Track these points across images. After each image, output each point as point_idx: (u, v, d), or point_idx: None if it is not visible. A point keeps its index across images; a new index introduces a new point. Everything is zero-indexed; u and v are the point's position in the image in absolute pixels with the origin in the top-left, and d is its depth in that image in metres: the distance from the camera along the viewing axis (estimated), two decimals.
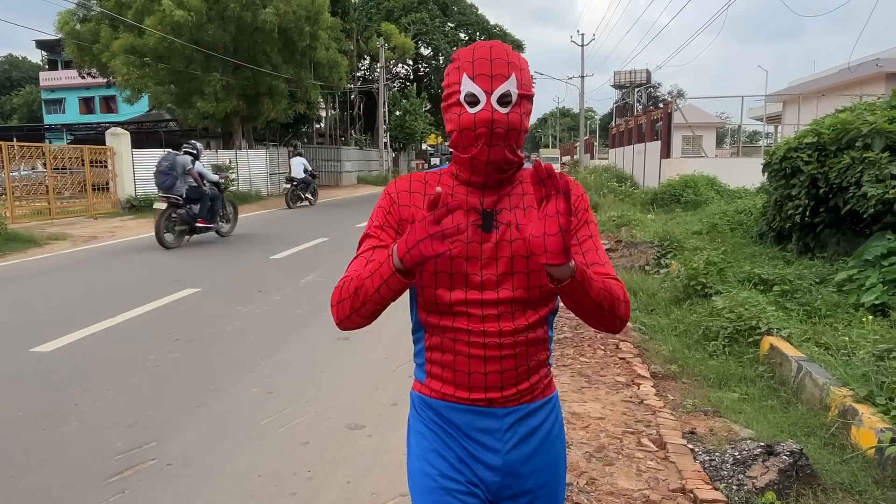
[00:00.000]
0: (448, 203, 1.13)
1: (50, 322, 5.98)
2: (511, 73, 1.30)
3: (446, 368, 1.38)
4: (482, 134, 1.29)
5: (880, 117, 6.69)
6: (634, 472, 3.07)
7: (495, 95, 1.29)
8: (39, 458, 3.29)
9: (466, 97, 1.30)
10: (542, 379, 1.43)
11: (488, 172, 1.33)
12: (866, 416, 3.19)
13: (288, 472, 3.15)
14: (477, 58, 1.30)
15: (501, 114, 1.29)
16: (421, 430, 1.44)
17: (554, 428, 1.46)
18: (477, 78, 1.29)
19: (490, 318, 1.33)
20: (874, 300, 5.18)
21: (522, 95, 1.32)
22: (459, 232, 1.14)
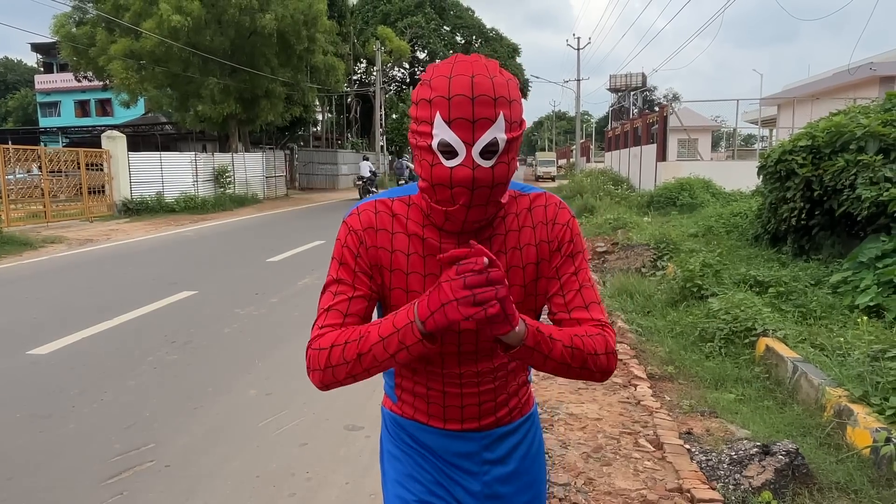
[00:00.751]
0: (488, 273, 0.97)
1: (46, 324, 5.97)
2: (498, 113, 1.05)
3: (419, 399, 1.28)
4: (460, 193, 1.07)
5: (874, 120, 6.74)
6: (632, 472, 3.09)
7: (478, 146, 1.05)
8: (37, 460, 3.28)
9: (440, 146, 1.06)
10: (521, 399, 1.34)
11: (465, 227, 1.14)
12: (861, 416, 3.22)
13: (286, 474, 3.15)
14: (455, 93, 1.03)
15: (485, 169, 1.06)
16: (395, 452, 1.36)
17: (533, 445, 1.38)
18: (454, 123, 1.04)
19: (467, 359, 1.22)
20: (869, 301, 5.21)
21: (511, 139, 1.08)
22: (498, 296, 0.97)
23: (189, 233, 14.07)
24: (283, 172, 28.17)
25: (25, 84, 58.45)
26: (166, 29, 19.30)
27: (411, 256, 1.18)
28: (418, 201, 1.19)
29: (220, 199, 20.63)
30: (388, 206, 1.21)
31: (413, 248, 1.18)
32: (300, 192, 31.54)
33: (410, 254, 1.18)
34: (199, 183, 20.53)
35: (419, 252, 1.18)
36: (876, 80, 17.68)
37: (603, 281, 7.84)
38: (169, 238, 13.15)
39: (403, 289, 1.18)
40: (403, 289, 1.18)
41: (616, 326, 5.67)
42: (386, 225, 1.19)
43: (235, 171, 22.47)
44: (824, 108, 13.15)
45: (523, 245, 1.20)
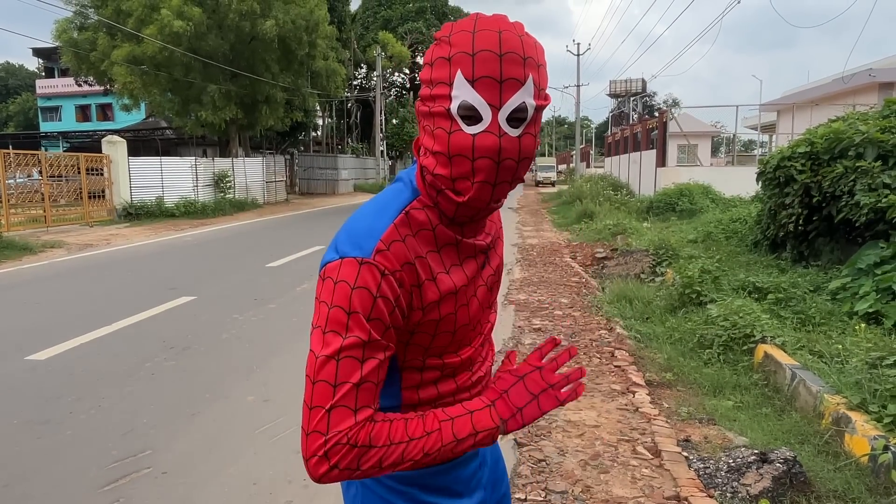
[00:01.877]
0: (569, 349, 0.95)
1: (45, 330, 5.97)
2: (528, 75, 0.90)
3: None
4: (483, 167, 0.91)
5: (872, 127, 6.75)
6: (629, 479, 3.08)
7: (505, 111, 0.90)
8: (34, 466, 3.28)
9: (461, 109, 0.90)
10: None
11: (482, 213, 1.01)
12: (859, 423, 3.21)
13: (283, 481, 3.14)
14: (479, 49, 0.88)
15: (512, 138, 0.91)
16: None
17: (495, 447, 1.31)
18: (479, 82, 0.89)
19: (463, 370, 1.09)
20: (868, 308, 5.21)
21: (539, 108, 0.94)
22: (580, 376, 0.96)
23: (189, 238, 14.07)
24: (283, 177, 28.21)
25: (26, 88, 58.62)
26: (168, 34, 19.36)
27: (452, 268, 1.02)
28: (421, 203, 1.01)
29: (220, 203, 20.66)
30: (413, 229, 0.98)
31: (447, 258, 1.02)
32: (300, 196, 31.56)
33: (451, 266, 1.02)
34: (200, 188, 20.56)
35: (456, 261, 1.03)
36: (875, 87, 17.74)
37: (602, 287, 7.84)
38: (169, 243, 13.16)
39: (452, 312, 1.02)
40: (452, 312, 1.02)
41: (615, 332, 5.67)
42: (418, 250, 0.98)
43: (235, 176, 22.51)
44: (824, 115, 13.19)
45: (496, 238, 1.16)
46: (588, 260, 9.95)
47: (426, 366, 1.04)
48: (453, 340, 1.04)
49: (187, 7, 19.62)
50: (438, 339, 1.02)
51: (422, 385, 1.05)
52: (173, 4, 19.40)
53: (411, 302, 0.97)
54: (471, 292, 1.05)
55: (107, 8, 20.57)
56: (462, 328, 1.04)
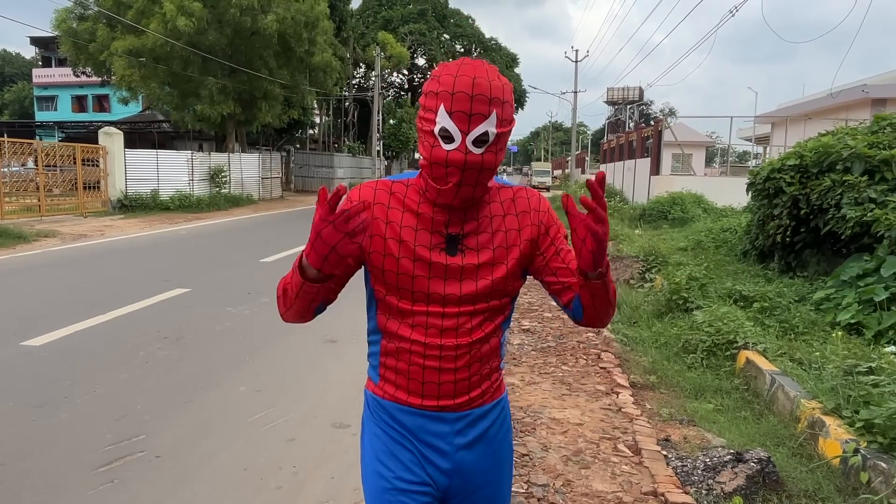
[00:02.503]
0: (351, 208, 1.19)
1: (40, 317, 6.02)
2: (492, 112, 1.27)
3: (400, 375, 1.41)
4: (452, 173, 1.28)
5: (860, 142, 6.90)
6: (609, 475, 3.18)
7: (471, 136, 1.26)
8: (30, 447, 3.35)
9: (441, 132, 1.27)
10: (493, 384, 1.47)
11: (455, 204, 1.33)
12: (833, 427, 3.33)
13: (273, 467, 3.23)
14: (457, 90, 1.25)
15: (475, 155, 1.27)
16: (375, 431, 1.47)
17: (501, 430, 1.50)
18: (454, 115, 1.26)
19: (448, 332, 1.36)
20: (850, 319, 5.34)
21: (500, 133, 1.30)
22: (363, 229, 1.19)
23: (183, 231, 14.11)
24: (278, 174, 28.25)
25: (23, 77, 58.34)
26: (171, 29, 19.38)
27: (404, 228, 1.36)
28: (416, 183, 1.39)
29: (215, 198, 20.68)
30: (387, 186, 1.40)
31: (406, 222, 1.36)
32: (295, 194, 31.60)
33: (403, 226, 1.36)
34: (195, 182, 20.58)
35: (412, 225, 1.36)
36: (868, 102, 17.96)
37: None
38: (163, 235, 13.20)
39: (395, 255, 1.35)
40: (395, 255, 1.35)
41: (602, 335, 5.78)
42: (383, 200, 1.38)
43: (231, 172, 22.53)
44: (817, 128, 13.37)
45: (508, 229, 1.40)
46: None
47: (392, 305, 1.38)
48: (411, 289, 1.35)
49: (188, 2, 19.65)
50: (389, 276, 1.35)
51: (390, 317, 1.39)
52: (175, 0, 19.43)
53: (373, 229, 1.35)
54: (425, 256, 1.34)
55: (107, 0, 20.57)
56: (415, 280, 1.34)
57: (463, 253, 1.36)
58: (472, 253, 1.36)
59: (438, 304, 1.35)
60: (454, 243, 1.36)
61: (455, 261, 1.35)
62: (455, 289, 1.35)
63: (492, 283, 1.37)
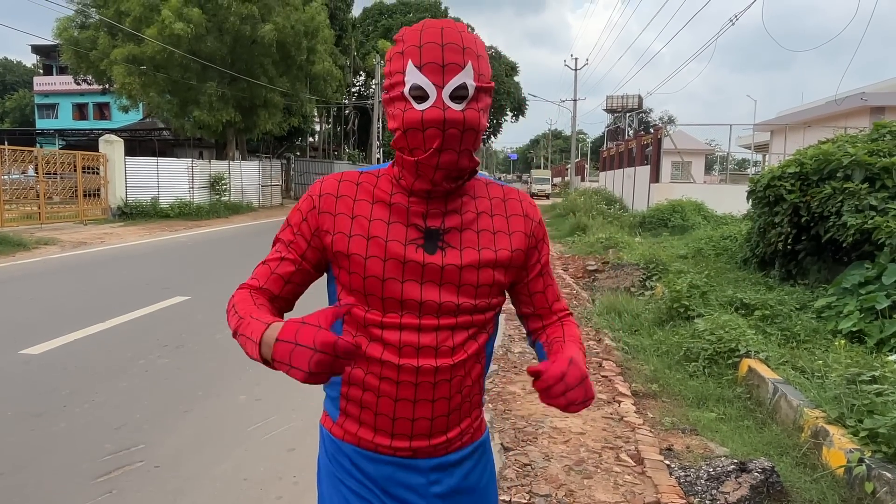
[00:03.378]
0: (350, 350, 0.96)
1: (39, 325, 6.00)
2: (467, 62, 1.09)
3: (366, 410, 1.18)
4: (432, 136, 1.08)
5: (861, 150, 6.90)
6: (612, 485, 3.16)
7: (448, 89, 1.08)
8: (28, 457, 3.32)
9: (412, 90, 1.09)
10: (473, 422, 1.26)
11: (436, 180, 1.12)
12: (837, 436, 3.30)
13: (273, 477, 3.20)
14: (425, 42, 1.08)
15: (455, 111, 1.08)
16: (333, 480, 1.25)
17: (483, 476, 1.30)
18: (425, 67, 1.07)
19: (426, 350, 1.14)
20: (851, 327, 5.32)
21: (480, 88, 1.11)
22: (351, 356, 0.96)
23: (183, 238, 14.11)
24: (278, 181, 28.27)
25: (23, 85, 58.47)
26: (168, 36, 19.45)
27: (374, 222, 1.15)
28: (388, 172, 1.20)
29: (214, 206, 20.69)
30: (353, 177, 1.21)
31: (377, 215, 1.16)
32: (295, 201, 31.55)
33: (373, 219, 1.16)
34: (195, 189, 20.59)
35: (384, 218, 1.16)
36: (867, 110, 18.00)
37: (592, 299, 7.93)
38: (163, 243, 13.19)
39: (362, 255, 1.14)
40: (362, 255, 1.14)
41: (603, 344, 5.76)
42: (348, 193, 1.18)
43: (231, 179, 22.55)
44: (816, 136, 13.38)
45: (497, 230, 1.21)
46: (580, 272, 10.06)
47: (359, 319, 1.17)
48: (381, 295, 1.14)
49: (187, 9, 19.73)
50: (354, 281, 1.15)
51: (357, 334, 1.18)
52: (172, 5, 19.51)
53: (321, 226, 1.18)
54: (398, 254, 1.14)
55: (109, 8, 20.66)
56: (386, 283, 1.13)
57: (443, 251, 1.15)
58: (454, 252, 1.15)
59: (414, 313, 1.13)
60: (433, 239, 1.15)
61: (434, 260, 1.14)
62: (433, 294, 1.13)
63: (476, 288, 1.16)
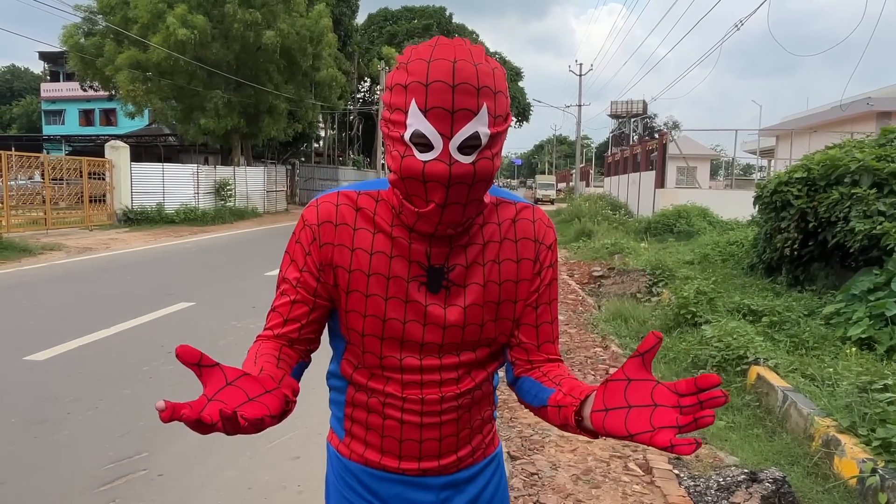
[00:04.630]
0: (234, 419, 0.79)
1: (43, 331, 5.99)
2: (482, 105, 0.93)
3: (371, 431, 1.13)
4: (434, 189, 0.95)
5: (868, 155, 6.85)
6: (620, 495, 3.11)
7: (456, 140, 0.93)
8: (31, 466, 3.30)
9: (414, 137, 0.94)
10: (485, 437, 1.20)
11: (439, 230, 1.01)
12: (849, 446, 3.26)
13: (278, 486, 3.17)
14: (433, 80, 0.91)
15: (464, 165, 0.94)
16: (340, 495, 1.20)
17: (497, 494, 1.23)
18: (431, 112, 0.92)
19: (430, 384, 1.08)
20: (860, 334, 5.27)
21: (494, 134, 0.96)
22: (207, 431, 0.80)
23: (188, 244, 14.12)
24: (283, 187, 28.33)
25: (31, 91, 58.87)
26: (173, 42, 19.55)
27: (375, 255, 1.04)
28: (388, 197, 1.06)
29: (220, 211, 20.74)
30: (352, 200, 1.07)
31: (378, 247, 1.05)
32: (300, 207, 31.66)
33: (375, 252, 1.04)
34: (200, 195, 20.65)
35: (386, 251, 1.05)
36: (873, 115, 17.92)
37: (598, 305, 7.89)
38: (168, 249, 13.20)
39: (363, 292, 1.05)
40: (363, 292, 1.05)
41: (610, 350, 5.72)
42: (348, 220, 1.06)
43: (236, 185, 22.61)
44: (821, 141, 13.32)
45: (503, 259, 1.09)
46: (585, 278, 10.01)
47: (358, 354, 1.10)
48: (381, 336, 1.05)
49: (191, 16, 19.84)
50: (353, 319, 1.06)
51: (358, 367, 1.11)
52: (178, 13, 19.62)
53: (330, 260, 1.06)
54: (400, 293, 1.04)
55: (115, 15, 20.78)
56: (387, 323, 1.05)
57: (447, 290, 1.05)
58: (459, 291, 1.06)
59: (415, 353, 1.06)
60: (437, 277, 1.05)
61: (437, 300, 1.05)
62: (436, 336, 1.06)
63: (481, 326, 1.08)
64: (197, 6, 20.51)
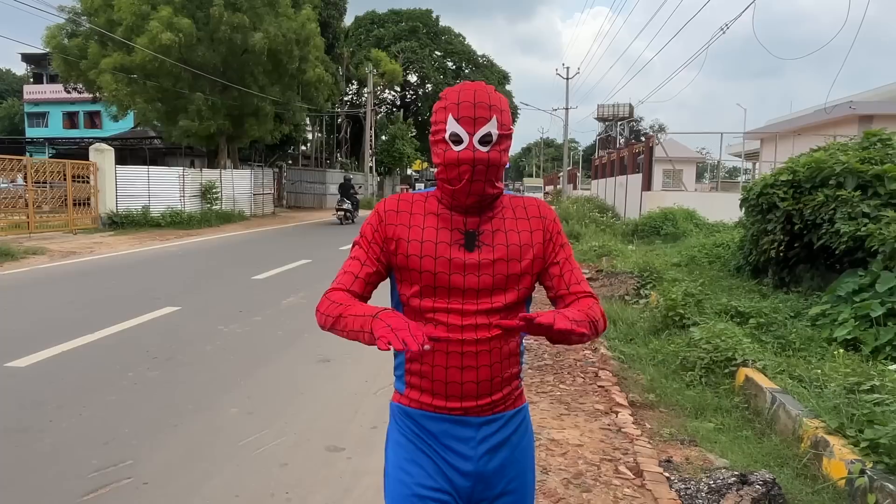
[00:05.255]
0: (415, 353, 1.28)
1: (26, 337, 5.89)
2: (492, 116, 1.46)
3: (424, 378, 1.50)
4: (465, 171, 1.45)
5: (853, 157, 6.92)
6: (611, 499, 3.10)
7: (477, 136, 1.44)
8: (11, 475, 3.23)
9: (451, 136, 1.46)
10: (514, 391, 1.56)
11: (470, 202, 1.49)
12: (837, 447, 3.27)
13: (265, 494, 3.13)
14: (462, 100, 1.45)
15: (483, 153, 1.45)
16: (399, 439, 1.55)
17: (524, 438, 1.58)
18: (461, 120, 1.45)
19: (468, 327, 1.46)
20: (846, 335, 5.31)
21: (502, 135, 1.47)
22: (423, 347, 1.23)
23: (174, 248, 13.99)
24: (271, 190, 28.15)
25: (13, 93, 58.10)
26: (158, 46, 19.38)
27: (426, 229, 1.50)
28: (434, 194, 1.55)
29: (206, 215, 20.54)
30: (409, 199, 1.57)
31: (428, 223, 1.51)
32: (287, 210, 31.50)
33: (426, 227, 1.50)
34: (186, 198, 20.45)
35: (433, 226, 1.51)
36: (855, 119, 18.11)
37: None
38: (153, 253, 13.07)
39: (418, 254, 1.48)
40: (418, 254, 1.48)
41: (599, 353, 5.72)
42: (405, 209, 1.54)
43: (223, 188, 22.41)
44: (805, 144, 13.45)
45: (521, 230, 1.54)
46: None
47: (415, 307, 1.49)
48: (433, 285, 1.46)
49: (177, 18, 19.67)
50: (413, 276, 1.48)
51: (414, 319, 1.45)
52: (162, 16, 19.46)
53: (388, 235, 1.52)
54: (445, 253, 1.48)
55: (100, 17, 20.56)
56: (437, 276, 1.46)
57: (479, 249, 1.49)
58: (488, 249, 1.49)
59: (458, 298, 1.47)
60: (472, 239, 1.49)
61: (472, 256, 1.48)
62: (473, 282, 1.47)
63: (507, 277, 1.48)
64: (182, 8, 20.35)
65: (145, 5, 19.98)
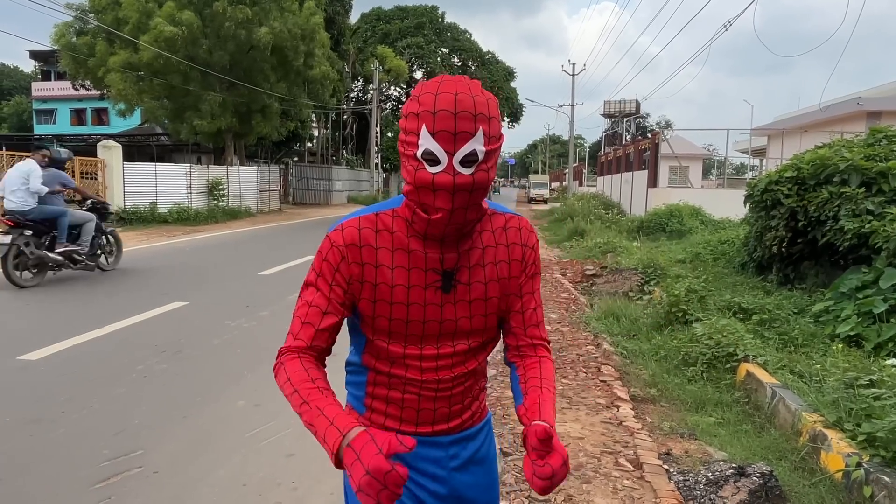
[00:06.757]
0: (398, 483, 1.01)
1: (37, 330, 5.99)
2: (477, 129, 1.15)
3: (392, 405, 1.36)
4: (442, 197, 1.17)
5: (857, 154, 6.93)
6: (611, 490, 3.16)
7: (458, 156, 1.15)
8: (26, 463, 3.32)
9: (424, 154, 1.16)
10: (480, 404, 1.48)
11: (448, 233, 1.23)
12: (835, 441, 3.31)
13: (272, 483, 3.20)
14: (439, 108, 1.14)
15: (465, 176, 1.16)
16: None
17: (490, 450, 1.51)
18: (438, 135, 1.14)
19: (443, 367, 1.33)
20: (849, 331, 5.34)
21: (489, 151, 1.19)
22: (398, 487, 1.02)
23: (181, 244, 14.10)
24: (277, 187, 28.26)
25: (21, 91, 58.43)
26: (162, 41, 19.46)
27: (395, 270, 1.26)
28: (402, 213, 1.27)
29: (213, 211, 20.67)
30: (372, 222, 1.27)
31: (397, 262, 1.26)
32: (293, 206, 31.61)
33: (395, 267, 1.26)
34: (193, 195, 20.58)
35: (404, 265, 1.26)
36: (863, 115, 18.05)
37: (591, 303, 7.94)
38: (161, 249, 13.18)
39: (388, 301, 1.27)
40: (388, 301, 1.27)
41: (602, 348, 5.77)
42: (370, 241, 1.26)
43: (230, 184, 22.53)
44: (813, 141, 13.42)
45: (499, 260, 1.34)
46: (578, 277, 10.07)
47: (381, 349, 1.31)
48: (405, 333, 1.28)
49: (179, 13, 19.75)
50: (380, 323, 1.28)
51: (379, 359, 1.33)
52: (165, 11, 19.54)
53: (353, 275, 1.26)
54: (419, 299, 1.27)
55: (107, 15, 20.68)
56: (409, 324, 1.28)
57: (455, 289, 1.29)
58: (464, 288, 1.30)
59: (433, 344, 1.31)
60: (450, 279, 1.29)
61: (449, 298, 1.29)
62: (450, 328, 1.31)
63: (485, 317, 1.33)
64: (187, 3, 20.43)
65: (151, 3, 20.07)
